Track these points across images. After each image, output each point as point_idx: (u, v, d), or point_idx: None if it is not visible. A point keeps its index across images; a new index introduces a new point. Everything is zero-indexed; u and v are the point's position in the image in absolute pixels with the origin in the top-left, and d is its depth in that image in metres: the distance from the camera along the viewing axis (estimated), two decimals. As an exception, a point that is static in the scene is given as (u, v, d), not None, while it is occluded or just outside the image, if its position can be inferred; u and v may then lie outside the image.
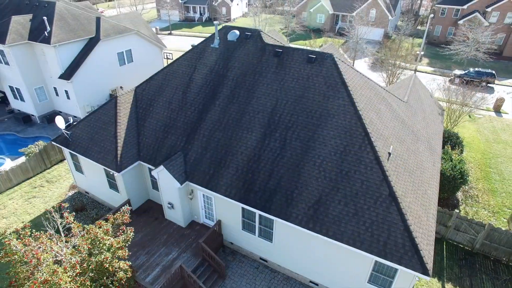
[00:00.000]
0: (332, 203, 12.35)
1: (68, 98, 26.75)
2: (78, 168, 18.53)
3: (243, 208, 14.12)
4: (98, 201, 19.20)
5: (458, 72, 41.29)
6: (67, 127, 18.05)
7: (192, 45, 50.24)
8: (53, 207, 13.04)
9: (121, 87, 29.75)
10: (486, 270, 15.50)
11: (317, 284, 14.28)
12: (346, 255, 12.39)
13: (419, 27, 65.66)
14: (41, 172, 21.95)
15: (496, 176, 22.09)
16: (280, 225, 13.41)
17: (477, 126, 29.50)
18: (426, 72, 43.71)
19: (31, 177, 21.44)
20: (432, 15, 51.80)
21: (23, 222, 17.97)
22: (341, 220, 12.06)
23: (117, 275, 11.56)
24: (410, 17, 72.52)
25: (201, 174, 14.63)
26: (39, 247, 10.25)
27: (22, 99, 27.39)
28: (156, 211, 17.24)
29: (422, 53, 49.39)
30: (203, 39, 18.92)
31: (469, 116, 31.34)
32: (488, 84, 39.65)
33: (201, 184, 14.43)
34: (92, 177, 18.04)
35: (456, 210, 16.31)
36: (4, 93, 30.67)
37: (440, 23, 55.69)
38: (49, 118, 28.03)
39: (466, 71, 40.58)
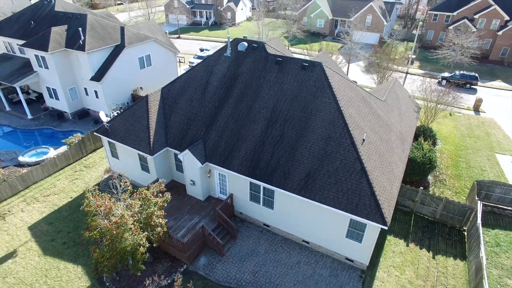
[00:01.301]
0: (318, 176, 16.45)
1: (97, 97, 31.00)
2: (114, 154, 22.73)
3: (250, 182, 18.25)
4: (130, 182, 23.33)
5: (445, 74, 45.30)
6: (95, 122, 22.25)
7: (200, 49, 54.49)
8: (119, 175, 16.92)
9: (141, 88, 33.98)
10: (442, 234, 19.55)
11: (308, 242, 18.39)
12: (329, 216, 16.46)
13: (414, 32, 69.48)
14: (79, 159, 26.19)
15: (463, 164, 26.10)
16: (279, 195, 17.52)
17: (455, 123, 33.46)
18: (416, 75, 47.63)
19: (71, 163, 25.69)
20: (421, 23, 55.71)
21: (71, 198, 22.23)
22: (325, 188, 16.15)
23: (156, 230, 15.71)
24: (407, 21, 76.61)
25: (218, 156, 18.79)
26: (109, 201, 14.39)
27: (57, 98, 31.66)
28: (179, 189, 21.38)
29: (414, 56, 53.34)
30: (211, 42, 23.01)
31: (450, 115, 35.46)
32: (472, 86, 43.67)
33: (218, 164, 18.60)
34: (126, 161, 22.20)
35: (421, 188, 20.35)
36: (39, 93, 35.03)
37: (433, 28, 59.65)
38: (79, 114, 32.33)
39: (453, 74, 44.56)
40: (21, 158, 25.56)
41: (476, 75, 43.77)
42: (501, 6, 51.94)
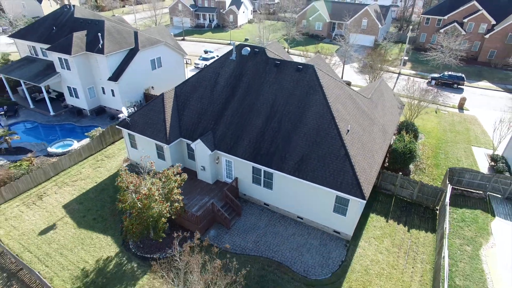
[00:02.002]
0: (309, 160, 19.77)
1: (113, 95, 34.38)
2: (133, 144, 26.08)
3: (253, 167, 21.59)
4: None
5: (435, 75, 48.60)
6: (111, 118, 25.61)
7: (204, 51, 57.81)
8: (147, 156, 20.29)
9: (152, 87, 37.35)
10: (418, 213, 22.86)
11: (302, 218, 21.71)
12: (319, 194, 19.76)
13: (409, 34, 72.64)
14: (100, 150, 29.56)
15: (442, 155, 29.40)
16: (277, 177, 20.85)
17: (440, 119, 36.73)
18: (408, 75, 50.93)
19: (93, 154, 29.06)
20: (411, 27, 59.17)
21: (96, 182, 25.59)
22: (315, 170, 19.47)
23: (174, 205, 19.05)
24: (402, 24, 79.77)
25: (225, 145, 22.14)
26: (137, 179, 17.74)
27: (77, 97, 35.04)
28: (191, 174, 24.64)
29: (406, 58, 56.73)
30: (214, 44, 26.30)
31: (436, 112, 38.75)
32: (459, 86, 46.97)
33: (225, 151, 21.94)
34: (144, 150, 25.53)
35: (400, 173, 23.64)
36: (58, 92, 38.42)
37: (425, 31, 62.96)
38: (97, 111, 35.71)
39: (441, 75, 47.88)
40: (49, 149, 28.95)
41: (463, 75, 47.07)
42: (488, 11, 55.26)
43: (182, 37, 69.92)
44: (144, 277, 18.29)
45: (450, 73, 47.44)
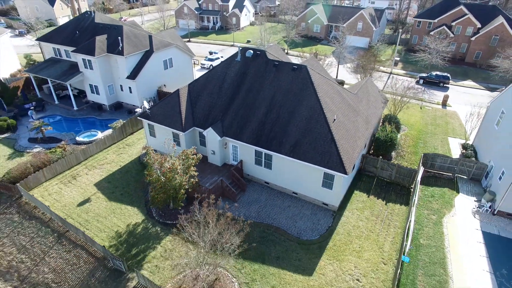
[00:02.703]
0: (302, 144, 24.06)
1: (131, 92, 38.77)
2: (152, 133, 30.42)
3: (255, 150, 25.89)
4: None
5: (423, 74, 52.84)
6: (128, 112, 29.93)
7: (209, 52, 62.19)
8: (169, 138, 24.59)
9: (164, 85, 41.71)
10: (395, 190, 27.13)
11: (296, 194, 26.01)
12: (310, 172, 24.03)
13: (403, 36, 76.82)
14: (121, 140, 33.92)
15: (421, 144, 33.65)
16: (276, 158, 25.14)
17: (423, 114, 40.97)
18: (398, 75, 55.19)
19: (116, 142, 33.41)
20: (400, 30, 63.49)
21: (120, 166, 29.94)
22: (307, 151, 23.75)
23: (191, 180, 23.35)
24: (397, 26, 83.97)
25: (232, 132, 26.46)
26: (161, 157, 22.07)
27: (97, 93, 39.44)
28: (202, 158, 28.88)
29: (398, 59, 60.99)
30: (218, 46, 30.55)
31: (421, 108, 43.00)
32: (444, 85, 51.21)
33: (232, 137, 26.26)
34: (161, 138, 29.82)
35: (380, 157, 27.91)
36: (78, 89, 42.81)
37: (417, 33, 67.20)
38: (115, 106, 40.10)
39: (429, 74, 52.15)
40: (77, 138, 33.34)
41: (448, 75, 51.32)
42: (474, 15, 59.49)
43: (188, 39, 74.26)
44: (166, 237, 22.62)
45: (437, 73, 51.71)
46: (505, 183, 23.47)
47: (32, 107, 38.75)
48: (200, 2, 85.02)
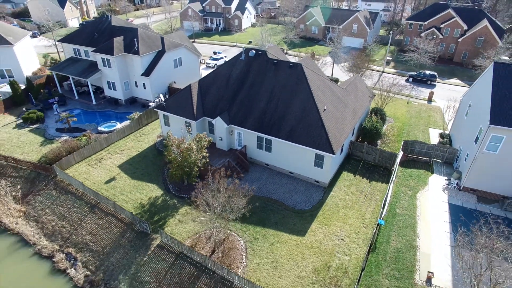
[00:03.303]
0: (297, 129, 28.50)
1: (145, 88, 43.25)
2: (167, 123, 34.87)
3: (257, 136, 30.35)
4: (176, 143, 35.43)
5: (412, 73, 57.29)
6: (142, 106, 34.39)
7: (213, 52, 66.74)
8: (186, 124, 29.15)
9: (174, 82, 46.18)
10: (378, 172, 31.55)
11: (292, 173, 30.45)
12: (304, 153, 28.46)
13: (397, 37, 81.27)
14: (137, 130, 38.38)
15: (405, 134, 38.07)
16: (275, 142, 29.60)
17: (409, 109, 45.39)
18: (390, 73, 59.64)
19: (133, 132, 37.88)
20: (391, 32, 67.97)
21: (138, 151, 34.39)
22: (301, 136, 28.20)
23: (202, 160, 27.79)
24: (392, 27, 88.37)
25: (237, 121, 30.91)
26: (178, 139, 26.52)
27: (114, 89, 43.92)
28: (211, 145, 33.39)
29: (390, 58, 65.47)
30: (221, 46, 34.98)
31: (407, 103, 47.42)
32: (432, 83, 55.64)
33: (237, 125, 30.74)
34: (175, 127, 34.22)
35: (365, 143, 32.32)
36: (96, 86, 47.26)
37: (409, 34, 71.69)
38: (130, 101, 44.57)
39: (417, 73, 56.59)
40: (99, 128, 37.81)
41: (435, 74, 55.78)
42: (461, 18, 63.96)
43: (193, 40, 78.77)
44: (182, 208, 27.04)
45: (425, 71, 56.17)
46: (468, 164, 27.88)
47: (56, 102, 43.23)
48: (204, 5, 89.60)
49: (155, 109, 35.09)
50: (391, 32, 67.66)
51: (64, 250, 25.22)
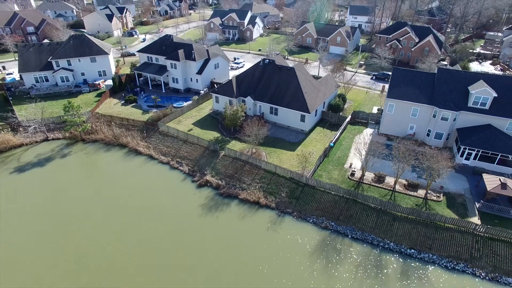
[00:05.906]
0: (291, 102, 56.04)
1: (197, 82, 70.60)
2: (217, 101, 62.12)
3: (270, 106, 57.69)
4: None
5: (375, 73, 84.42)
6: (195, 93, 61.85)
7: (234, 58, 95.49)
8: (228, 102, 56.61)
9: (214, 78, 73.46)
10: (336, 127, 58.77)
11: (289, 126, 57.70)
12: (295, 115, 55.66)
13: (373, 46, 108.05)
14: (197, 106, 65.66)
15: (358, 109, 65.14)
16: (279, 109, 57.02)
17: (366, 96, 72.51)
18: (360, 73, 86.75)
19: (194, 107, 65.16)
20: (360, 45, 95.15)
21: (201, 117, 61.68)
22: (293, 105, 55.69)
23: (241, 118, 54.99)
24: (372, 37, 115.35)
25: (259, 98, 58.38)
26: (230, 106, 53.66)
27: (177, 83, 71.24)
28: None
29: (362, 62, 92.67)
30: (238, 53, 62.49)
31: (366, 93, 74.60)
32: (388, 79, 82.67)
33: (259, 100, 58.23)
34: (221, 103, 61.16)
35: (330, 111, 59.43)
36: (161, 81, 74.46)
37: (379, 44, 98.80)
38: (186, 90, 71.89)
39: (378, 73, 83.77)
40: (174, 105, 65.08)
41: (390, 73, 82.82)
42: (415, 33, 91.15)
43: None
44: (231, 141, 54.09)
45: (384, 72, 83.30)
46: (382, 119, 54.91)
47: (141, 91, 70.61)
48: (223, 20, 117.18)
49: (211, 93, 62.27)
50: (361, 44, 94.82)
51: (174, 160, 52.27)
